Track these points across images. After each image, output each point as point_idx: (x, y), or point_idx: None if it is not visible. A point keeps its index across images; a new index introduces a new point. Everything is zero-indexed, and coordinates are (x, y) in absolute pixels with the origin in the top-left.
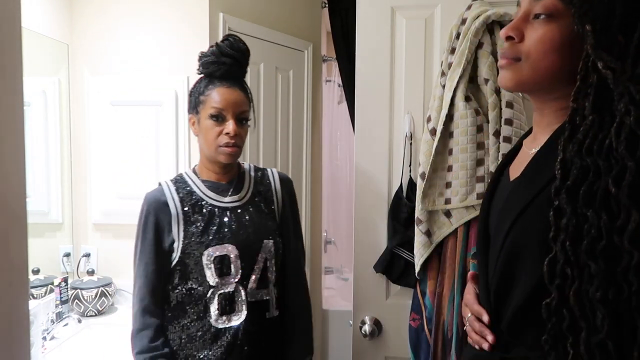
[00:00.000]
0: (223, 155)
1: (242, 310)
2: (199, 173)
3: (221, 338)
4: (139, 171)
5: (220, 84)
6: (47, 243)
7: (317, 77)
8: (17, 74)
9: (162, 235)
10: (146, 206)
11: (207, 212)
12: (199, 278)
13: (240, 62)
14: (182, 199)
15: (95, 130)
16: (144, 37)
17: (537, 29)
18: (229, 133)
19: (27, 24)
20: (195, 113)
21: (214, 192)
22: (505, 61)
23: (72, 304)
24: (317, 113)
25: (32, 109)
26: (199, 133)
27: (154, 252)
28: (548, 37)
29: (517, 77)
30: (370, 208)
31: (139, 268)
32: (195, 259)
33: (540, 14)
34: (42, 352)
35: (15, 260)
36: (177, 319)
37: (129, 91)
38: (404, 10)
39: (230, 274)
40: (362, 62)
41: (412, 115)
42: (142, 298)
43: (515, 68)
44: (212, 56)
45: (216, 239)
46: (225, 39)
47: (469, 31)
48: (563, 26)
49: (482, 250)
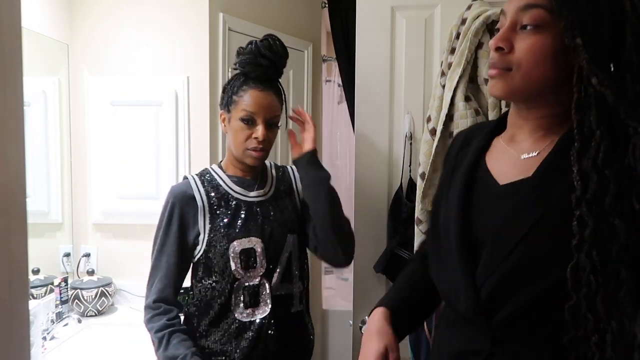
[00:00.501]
0: (250, 158)
1: (267, 304)
2: (225, 168)
3: (246, 332)
4: (139, 171)
5: (255, 86)
6: (47, 243)
7: (317, 77)
8: (17, 74)
9: (187, 229)
10: (172, 199)
11: (234, 206)
12: (225, 271)
13: (277, 65)
14: (208, 192)
15: (95, 131)
16: (143, 37)
17: (526, 40)
18: (257, 138)
19: (27, 24)
20: (227, 111)
21: (240, 186)
22: (496, 71)
23: (72, 304)
24: (317, 113)
25: (32, 109)
26: (228, 131)
27: (177, 245)
28: (538, 47)
29: (508, 86)
30: (370, 208)
31: (160, 260)
32: (221, 252)
33: (527, 25)
34: (42, 352)
35: (15, 260)
36: (201, 312)
37: (128, 91)
38: (404, 10)
39: (256, 267)
40: (362, 62)
41: (412, 115)
42: (162, 289)
43: (506, 78)
44: (249, 55)
45: (242, 231)
46: (265, 39)
47: (469, 31)
48: (551, 36)
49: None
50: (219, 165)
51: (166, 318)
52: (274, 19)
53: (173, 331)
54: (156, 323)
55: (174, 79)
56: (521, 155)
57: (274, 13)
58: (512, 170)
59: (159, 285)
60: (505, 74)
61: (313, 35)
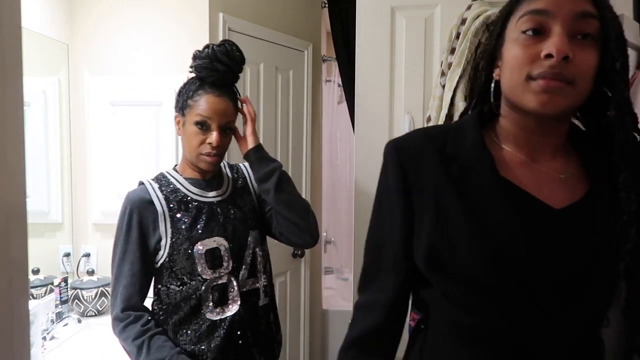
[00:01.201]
0: (204, 163)
1: (235, 301)
2: (181, 171)
3: (217, 330)
4: (139, 171)
5: (211, 91)
6: (47, 243)
7: (317, 77)
8: (17, 74)
9: (148, 235)
10: (129, 205)
11: (194, 208)
12: (191, 273)
13: (234, 70)
14: (166, 196)
15: (95, 130)
16: (143, 36)
17: (587, 51)
18: (211, 143)
19: (27, 24)
20: (182, 115)
21: (198, 188)
22: (558, 84)
23: (72, 304)
24: (317, 113)
25: (32, 109)
26: (183, 135)
27: (139, 252)
28: (594, 60)
29: (567, 102)
30: (370, 208)
31: (123, 268)
32: (186, 255)
33: (589, 35)
34: (42, 352)
35: (15, 260)
36: (171, 315)
37: (128, 91)
38: (404, 10)
39: (222, 266)
40: (362, 62)
41: (412, 115)
42: (129, 297)
43: (567, 92)
44: (206, 60)
45: (206, 232)
46: (222, 44)
47: (468, 31)
48: (597, 52)
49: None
50: (174, 168)
51: (140, 324)
52: (274, 19)
53: (151, 335)
54: (131, 332)
55: (174, 79)
56: (560, 175)
57: (274, 13)
58: (559, 192)
59: (125, 293)
60: (566, 87)
61: (313, 35)
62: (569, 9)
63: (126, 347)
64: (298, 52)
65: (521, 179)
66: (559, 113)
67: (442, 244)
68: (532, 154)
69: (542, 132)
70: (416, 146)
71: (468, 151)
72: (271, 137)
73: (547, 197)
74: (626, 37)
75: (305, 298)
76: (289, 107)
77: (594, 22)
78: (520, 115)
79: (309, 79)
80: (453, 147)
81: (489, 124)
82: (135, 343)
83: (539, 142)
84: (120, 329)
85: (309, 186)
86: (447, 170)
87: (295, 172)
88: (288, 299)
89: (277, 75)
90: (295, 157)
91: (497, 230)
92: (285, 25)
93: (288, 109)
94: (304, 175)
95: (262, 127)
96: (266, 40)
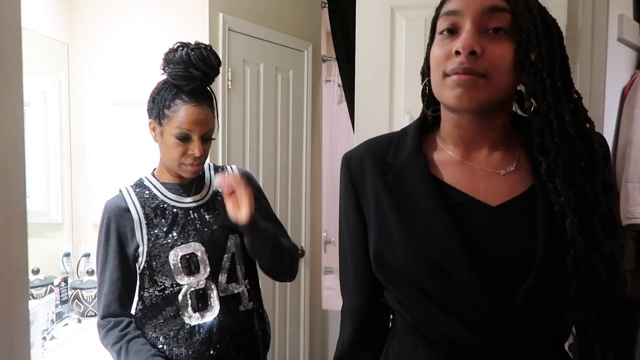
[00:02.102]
0: (186, 172)
1: (214, 306)
2: (159, 176)
3: (196, 335)
4: (139, 171)
5: (189, 100)
6: (47, 243)
7: (317, 77)
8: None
9: (125, 242)
10: (107, 214)
11: (170, 214)
12: (169, 278)
13: (210, 77)
14: (143, 203)
15: (95, 130)
16: (143, 37)
17: (498, 44)
18: (194, 154)
19: (27, 24)
20: (159, 124)
21: (174, 194)
22: (468, 78)
23: (72, 304)
24: (317, 113)
25: (31, 109)
26: (161, 144)
27: (118, 259)
28: (509, 52)
29: (482, 96)
30: None
31: (104, 275)
32: (162, 261)
33: (500, 28)
34: (42, 352)
35: (15, 260)
36: (150, 321)
37: (128, 91)
38: (404, 10)
39: (199, 271)
40: (362, 62)
41: (412, 115)
42: (108, 305)
43: (480, 86)
44: (181, 66)
45: (181, 238)
46: (196, 48)
47: None
48: (514, 43)
49: (482, 286)
50: (152, 173)
51: (118, 329)
52: (274, 19)
53: (129, 340)
54: (110, 338)
55: None
56: (498, 171)
57: (274, 13)
58: (497, 188)
59: (105, 301)
60: (478, 81)
61: (313, 35)
62: (478, 6)
63: (110, 352)
64: (298, 52)
65: (456, 178)
66: (478, 106)
67: (385, 250)
68: (468, 152)
69: (475, 128)
70: (360, 157)
71: (405, 157)
72: (271, 137)
73: (483, 194)
74: (626, 37)
75: (305, 298)
76: (289, 107)
77: (504, 16)
78: (453, 115)
79: (309, 79)
80: (393, 155)
81: (436, 128)
82: (114, 348)
83: (473, 139)
84: (102, 335)
85: (309, 186)
86: (384, 178)
87: (295, 172)
88: (288, 299)
89: (277, 75)
90: (295, 157)
91: (429, 232)
92: (285, 25)
93: (288, 109)
94: (304, 175)
95: (262, 127)
96: (266, 40)
